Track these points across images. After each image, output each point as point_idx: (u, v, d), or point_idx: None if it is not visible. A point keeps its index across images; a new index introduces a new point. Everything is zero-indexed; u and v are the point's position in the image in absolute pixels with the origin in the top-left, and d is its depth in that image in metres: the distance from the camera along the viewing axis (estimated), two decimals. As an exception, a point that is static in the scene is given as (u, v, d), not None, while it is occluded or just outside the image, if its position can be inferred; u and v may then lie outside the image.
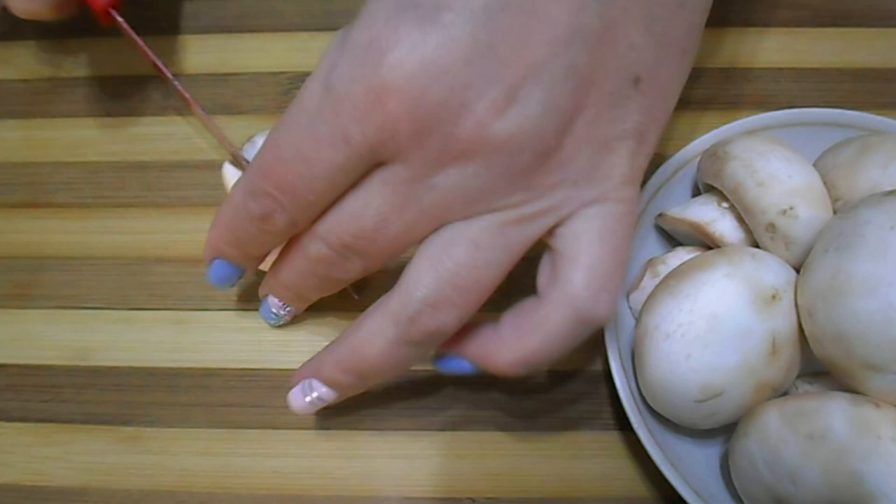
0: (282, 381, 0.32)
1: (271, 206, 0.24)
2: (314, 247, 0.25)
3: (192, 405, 0.32)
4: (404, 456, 0.31)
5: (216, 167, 0.33)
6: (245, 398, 0.32)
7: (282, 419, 0.31)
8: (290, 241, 0.27)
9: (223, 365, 0.32)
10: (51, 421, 0.32)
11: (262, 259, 0.28)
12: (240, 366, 0.32)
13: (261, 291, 0.30)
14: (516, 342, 0.25)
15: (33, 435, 0.32)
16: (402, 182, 0.23)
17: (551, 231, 0.25)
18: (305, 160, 0.23)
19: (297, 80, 0.38)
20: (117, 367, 0.33)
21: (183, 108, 0.38)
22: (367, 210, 0.24)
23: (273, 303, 0.30)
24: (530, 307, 0.26)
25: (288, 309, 0.31)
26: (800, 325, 0.26)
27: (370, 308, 0.26)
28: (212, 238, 0.27)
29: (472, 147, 0.22)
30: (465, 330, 0.26)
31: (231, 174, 0.32)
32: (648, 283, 0.30)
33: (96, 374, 0.33)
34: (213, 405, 0.32)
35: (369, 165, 0.23)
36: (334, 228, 0.25)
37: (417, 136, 0.22)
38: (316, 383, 0.28)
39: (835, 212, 0.28)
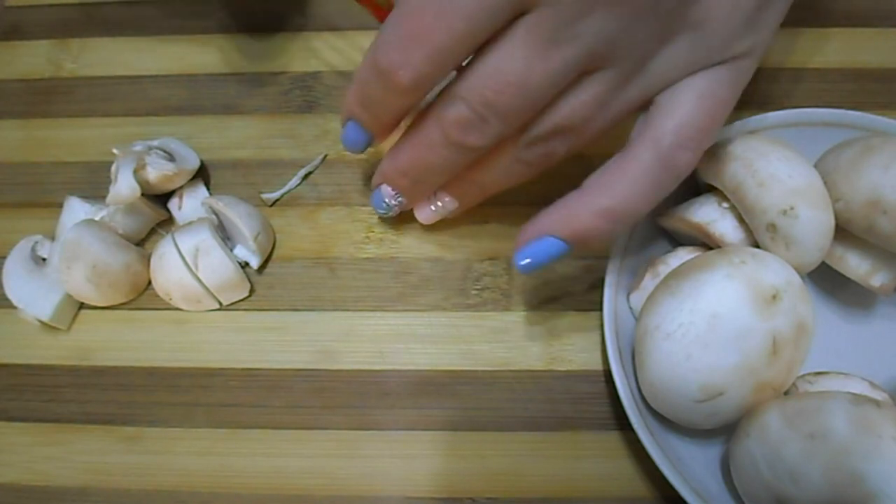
0: (282, 381, 0.32)
1: (399, 60, 0.24)
2: (451, 110, 0.25)
3: (193, 405, 0.32)
4: (404, 456, 0.31)
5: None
6: (246, 398, 0.32)
7: (283, 419, 0.31)
8: (413, 123, 0.27)
9: (224, 365, 0.32)
10: (52, 421, 0.32)
11: (392, 128, 0.28)
12: (240, 366, 0.32)
13: (375, 180, 0.30)
14: (602, 190, 0.26)
15: (34, 435, 0.32)
16: (548, 29, 0.23)
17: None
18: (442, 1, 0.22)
19: (297, 80, 0.38)
20: (118, 367, 0.33)
21: (182, 108, 0.38)
22: (510, 62, 0.23)
23: (386, 192, 0.30)
24: (616, 159, 0.26)
25: (400, 199, 0.30)
26: (800, 324, 0.26)
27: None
28: (347, 99, 0.27)
29: None
30: (546, 210, 0.27)
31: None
32: (649, 283, 0.30)
33: (97, 374, 0.33)
34: (213, 405, 0.32)
35: (512, 13, 0.23)
36: (475, 85, 0.24)
37: None
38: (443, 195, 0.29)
39: (835, 212, 0.28)
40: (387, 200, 0.30)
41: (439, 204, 0.31)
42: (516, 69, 0.23)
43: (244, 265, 0.34)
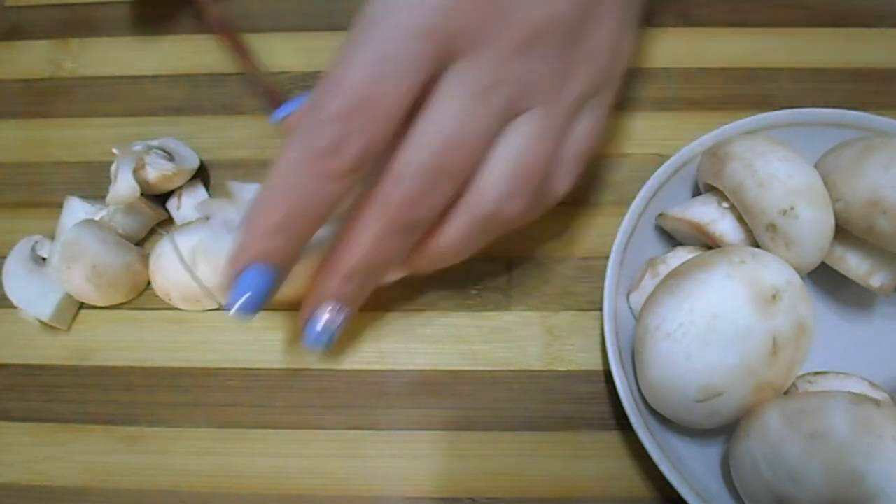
0: (282, 381, 0.32)
1: (342, 131, 0.22)
2: (396, 191, 0.24)
3: (193, 405, 0.32)
4: (404, 456, 0.31)
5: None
6: (246, 398, 0.32)
7: (283, 419, 0.31)
8: (340, 233, 0.25)
9: (224, 365, 0.32)
10: (52, 421, 0.32)
11: (302, 246, 0.25)
12: (240, 366, 0.32)
13: (303, 314, 0.27)
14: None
15: (34, 435, 0.32)
16: (476, 79, 0.24)
17: None
18: (380, 60, 0.22)
19: (297, 80, 0.38)
20: (118, 367, 0.33)
21: (182, 108, 0.38)
22: (448, 118, 0.23)
23: (324, 314, 0.27)
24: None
25: (343, 315, 0.27)
26: (800, 324, 0.26)
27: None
28: (248, 236, 0.24)
29: (527, 33, 0.24)
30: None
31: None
32: (649, 283, 0.30)
33: (97, 374, 0.33)
34: (213, 405, 0.32)
35: (439, 68, 0.23)
36: (416, 156, 0.23)
37: (484, 25, 0.23)
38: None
39: (835, 212, 0.28)
40: (328, 325, 0.27)
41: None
42: (455, 124, 0.23)
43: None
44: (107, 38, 0.40)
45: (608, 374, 0.30)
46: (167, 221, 0.35)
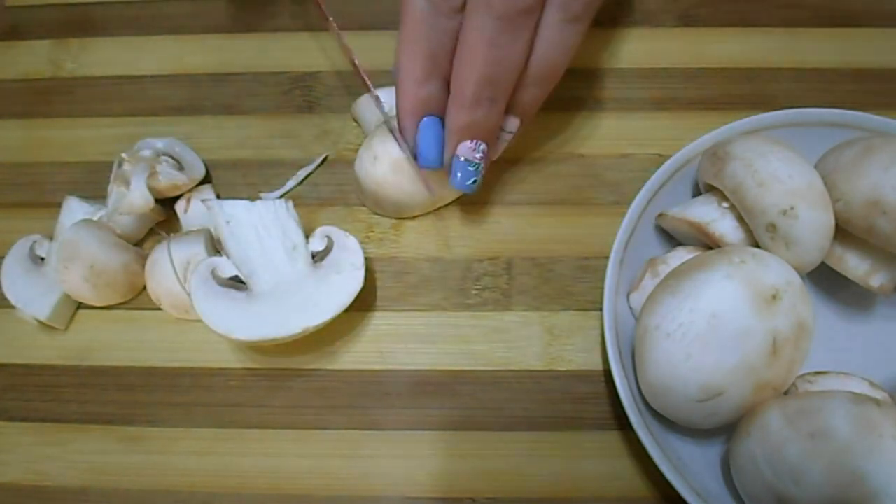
0: (282, 381, 0.32)
1: None
2: (488, 25, 0.27)
3: (193, 405, 0.32)
4: (404, 456, 0.31)
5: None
6: (246, 398, 0.32)
7: (283, 419, 0.31)
8: (459, 52, 0.28)
9: (224, 365, 0.32)
10: (52, 421, 0.32)
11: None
12: (240, 365, 0.32)
13: (448, 151, 0.30)
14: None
15: (34, 434, 0.32)
16: None
17: None
18: None
19: (297, 79, 0.38)
20: (118, 367, 0.33)
21: (182, 108, 0.38)
22: None
23: (465, 149, 0.30)
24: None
25: (482, 147, 0.30)
26: (800, 324, 0.26)
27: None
28: (405, 97, 0.29)
29: None
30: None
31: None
32: (649, 283, 0.30)
33: (97, 374, 0.33)
34: (213, 405, 0.32)
35: None
36: None
37: None
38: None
39: (835, 212, 0.28)
40: (472, 157, 0.30)
41: (506, 130, 0.31)
42: None
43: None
44: (107, 38, 0.40)
45: (608, 374, 0.30)
46: (166, 222, 0.35)
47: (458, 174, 0.30)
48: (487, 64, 0.28)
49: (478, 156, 0.30)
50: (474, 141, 0.30)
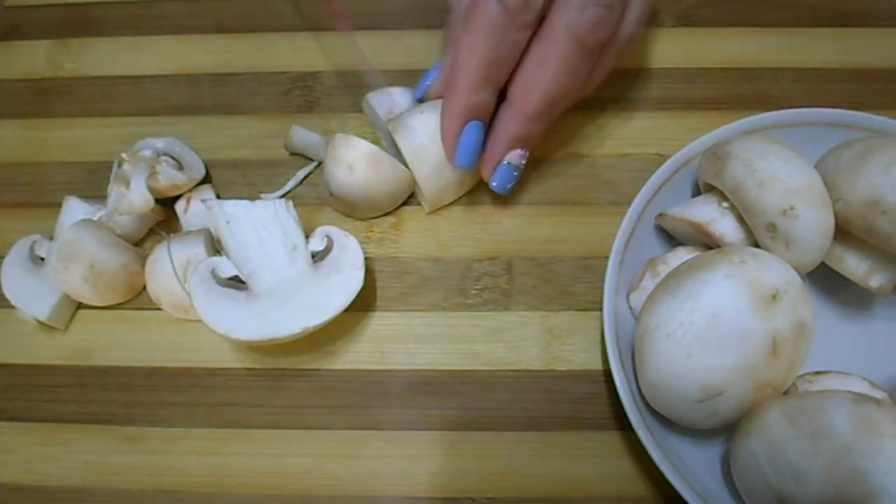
0: (282, 381, 0.32)
1: None
2: (583, 17, 0.28)
3: (194, 405, 0.32)
4: (404, 456, 0.31)
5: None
6: (246, 398, 0.32)
7: (283, 419, 0.31)
8: (526, 64, 0.29)
9: (224, 365, 0.32)
10: (52, 421, 0.32)
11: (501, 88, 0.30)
12: (240, 365, 0.32)
13: (490, 160, 0.31)
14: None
15: (35, 434, 0.32)
16: None
17: None
18: None
19: (297, 80, 0.38)
20: (118, 367, 0.33)
21: (182, 108, 0.38)
22: None
23: (514, 157, 0.31)
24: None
25: (527, 155, 0.31)
26: (800, 324, 0.26)
27: None
28: (458, 98, 0.29)
29: None
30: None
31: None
32: (649, 283, 0.30)
33: (97, 374, 0.33)
34: (214, 405, 0.32)
35: None
36: (576, 20, 0.28)
37: None
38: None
39: (835, 212, 0.28)
40: (519, 163, 0.31)
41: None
42: None
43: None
44: (107, 38, 0.40)
45: (608, 374, 0.30)
46: (166, 222, 0.35)
47: (502, 178, 0.32)
48: (559, 86, 0.29)
49: (523, 162, 0.32)
50: (523, 149, 0.31)
